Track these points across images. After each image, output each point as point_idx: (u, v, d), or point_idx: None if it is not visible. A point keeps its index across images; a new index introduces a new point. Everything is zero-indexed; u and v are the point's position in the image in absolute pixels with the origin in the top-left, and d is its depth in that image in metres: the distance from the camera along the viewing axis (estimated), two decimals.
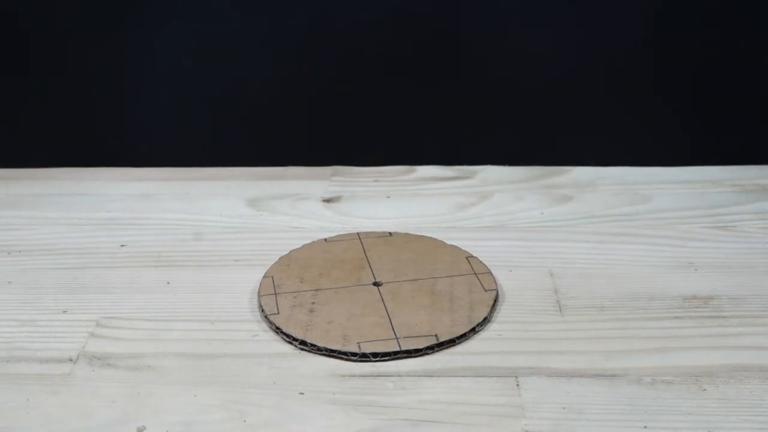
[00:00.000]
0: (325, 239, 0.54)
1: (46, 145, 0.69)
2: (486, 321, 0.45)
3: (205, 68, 0.67)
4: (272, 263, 0.51)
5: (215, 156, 0.68)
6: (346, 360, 0.42)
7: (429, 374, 0.41)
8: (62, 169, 0.67)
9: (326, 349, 0.42)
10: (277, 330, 0.45)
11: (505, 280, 0.49)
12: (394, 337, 0.43)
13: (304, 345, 0.43)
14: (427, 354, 0.43)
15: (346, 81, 0.67)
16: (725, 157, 0.64)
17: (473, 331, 0.44)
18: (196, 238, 0.56)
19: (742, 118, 0.65)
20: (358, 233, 0.54)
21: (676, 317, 0.45)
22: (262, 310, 0.46)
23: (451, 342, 0.43)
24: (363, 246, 0.52)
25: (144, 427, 0.38)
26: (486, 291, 0.47)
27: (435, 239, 0.53)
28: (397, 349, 0.42)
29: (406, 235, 0.54)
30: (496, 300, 0.47)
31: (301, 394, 0.40)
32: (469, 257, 0.51)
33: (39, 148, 0.69)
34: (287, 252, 0.52)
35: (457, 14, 0.64)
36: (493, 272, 0.49)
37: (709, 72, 0.64)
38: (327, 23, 0.65)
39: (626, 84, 0.65)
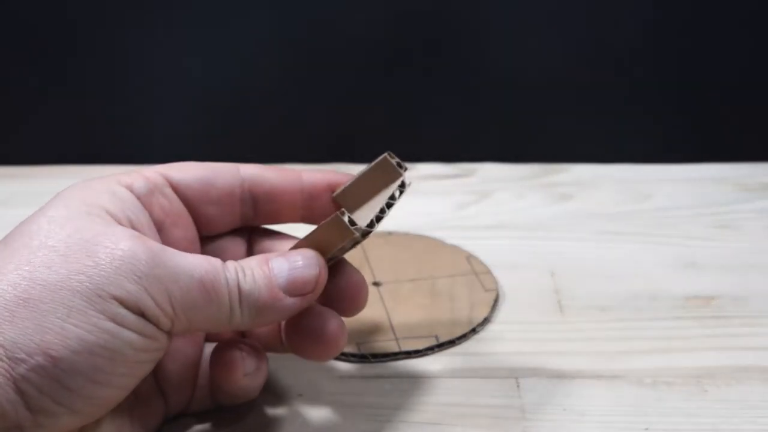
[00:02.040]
0: None
1: (45, 142, 0.69)
2: (486, 321, 0.45)
3: (204, 66, 0.67)
4: None
5: (214, 154, 0.67)
6: (345, 361, 0.42)
7: (428, 375, 0.41)
8: (60, 167, 0.67)
9: None
10: None
11: (505, 279, 0.49)
12: (393, 337, 0.43)
13: None
14: (427, 355, 0.43)
15: (345, 78, 0.67)
16: (727, 155, 0.63)
17: (473, 331, 0.44)
18: None
19: (743, 115, 0.65)
20: None
21: (678, 317, 0.45)
22: None
23: (451, 343, 0.43)
24: (362, 245, 0.52)
25: None
26: (486, 291, 0.47)
27: (435, 238, 0.53)
28: (397, 350, 0.42)
29: (406, 234, 0.53)
30: (496, 300, 0.47)
31: (300, 395, 0.40)
32: (469, 257, 0.51)
33: (37, 145, 0.69)
34: None
35: (457, 11, 0.64)
36: (494, 272, 0.49)
37: (710, 69, 0.64)
38: (327, 20, 0.65)
39: (627, 81, 0.64)
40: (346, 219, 0.34)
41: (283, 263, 0.34)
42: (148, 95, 0.68)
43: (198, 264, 0.32)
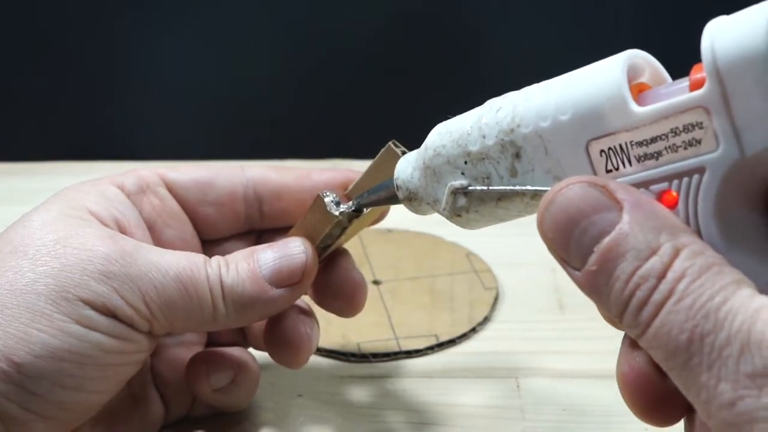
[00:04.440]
0: None
1: (45, 139, 0.69)
2: (486, 320, 0.45)
3: (204, 62, 0.67)
4: None
5: (214, 149, 0.67)
6: (345, 361, 0.42)
7: (428, 375, 0.41)
8: (61, 163, 0.67)
9: (325, 350, 0.42)
10: None
11: (505, 277, 0.49)
12: (393, 337, 0.43)
13: None
14: (427, 354, 0.42)
15: (345, 74, 0.66)
16: None
17: (473, 330, 0.44)
18: None
19: None
20: None
21: None
22: None
23: (451, 342, 0.43)
24: (362, 242, 0.52)
25: None
26: (486, 289, 0.47)
27: (435, 236, 0.53)
28: (397, 349, 0.42)
29: (406, 231, 0.53)
30: (496, 298, 0.46)
31: (300, 396, 0.39)
32: (469, 254, 0.50)
33: (37, 141, 0.69)
34: None
35: (458, 9, 0.64)
36: (494, 270, 0.49)
37: None
38: (328, 16, 0.65)
39: None
40: (327, 200, 0.33)
41: (269, 253, 0.33)
42: (148, 92, 0.68)
43: (175, 261, 0.31)
